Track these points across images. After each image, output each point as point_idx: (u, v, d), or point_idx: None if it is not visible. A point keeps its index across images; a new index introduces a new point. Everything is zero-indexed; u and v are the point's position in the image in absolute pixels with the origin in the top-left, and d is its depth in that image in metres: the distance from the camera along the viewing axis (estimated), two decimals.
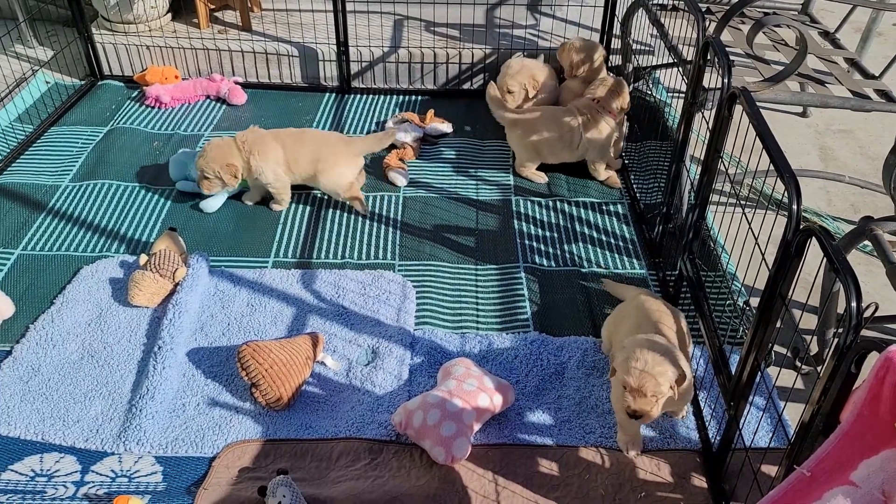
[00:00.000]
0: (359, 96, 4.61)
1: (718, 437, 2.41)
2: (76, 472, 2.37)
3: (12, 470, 2.36)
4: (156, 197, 3.63)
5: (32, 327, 2.86)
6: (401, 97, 4.61)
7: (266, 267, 3.23)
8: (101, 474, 2.36)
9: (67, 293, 3.02)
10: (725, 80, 2.55)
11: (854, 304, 1.63)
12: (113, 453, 2.43)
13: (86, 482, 2.34)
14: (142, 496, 2.28)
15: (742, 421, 2.27)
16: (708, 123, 2.64)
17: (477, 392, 2.49)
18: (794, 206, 1.94)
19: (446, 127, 4.23)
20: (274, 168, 3.45)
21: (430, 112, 4.26)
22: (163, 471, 2.38)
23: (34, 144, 3.99)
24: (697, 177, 2.76)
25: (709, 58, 2.78)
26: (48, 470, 2.37)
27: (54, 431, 2.48)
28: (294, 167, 3.48)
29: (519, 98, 4.09)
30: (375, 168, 3.89)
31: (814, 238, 1.85)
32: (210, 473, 2.37)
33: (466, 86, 4.68)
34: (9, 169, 3.79)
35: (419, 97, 4.62)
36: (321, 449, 2.46)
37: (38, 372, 2.69)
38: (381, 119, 4.35)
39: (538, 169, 3.86)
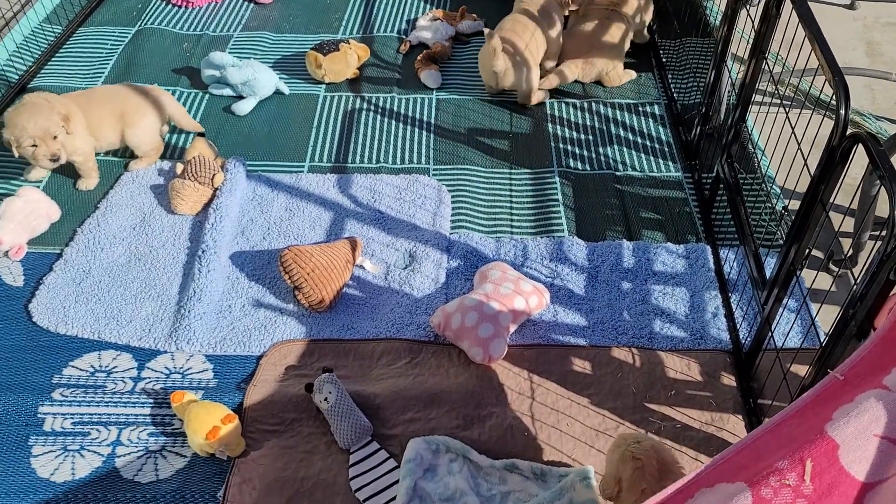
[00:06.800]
0: None
1: (749, 339, 2.46)
2: (133, 368, 2.51)
3: (73, 366, 2.51)
4: (188, 100, 3.63)
5: (80, 231, 2.95)
6: None
7: (302, 171, 3.26)
8: (156, 371, 2.50)
9: (110, 198, 3.09)
10: None
11: None
12: (165, 352, 2.56)
13: (142, 378, 2.48)
14: (195, 391, 2.42)
15: (774, 323, 2.31)
16: (753, 22, 2.55)
17: (513, 295, 2.55)
18: (842, 111, 1.91)
19: (479, 24, 4.12)
20: (85, 138, 3.03)
21: (462, 9, 4.14)
22: (213, 368, 2.51)
23: (64, 46, 3.97)
24: (738, 76, 2.69)
25: None
26: (107, 366, 2.51)
27: (109, 330, 2.61)
28: (97, 132, 3.07)
29: None
30: (407, 69, 3.83)
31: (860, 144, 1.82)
32: (258, 371, 2.49)
33: None
34: (41, 72, 3.79)
35: None
36: (363, 349, 2.56)
37: (88, 274, 2.79)
38: (412, 17, 4.24)
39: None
